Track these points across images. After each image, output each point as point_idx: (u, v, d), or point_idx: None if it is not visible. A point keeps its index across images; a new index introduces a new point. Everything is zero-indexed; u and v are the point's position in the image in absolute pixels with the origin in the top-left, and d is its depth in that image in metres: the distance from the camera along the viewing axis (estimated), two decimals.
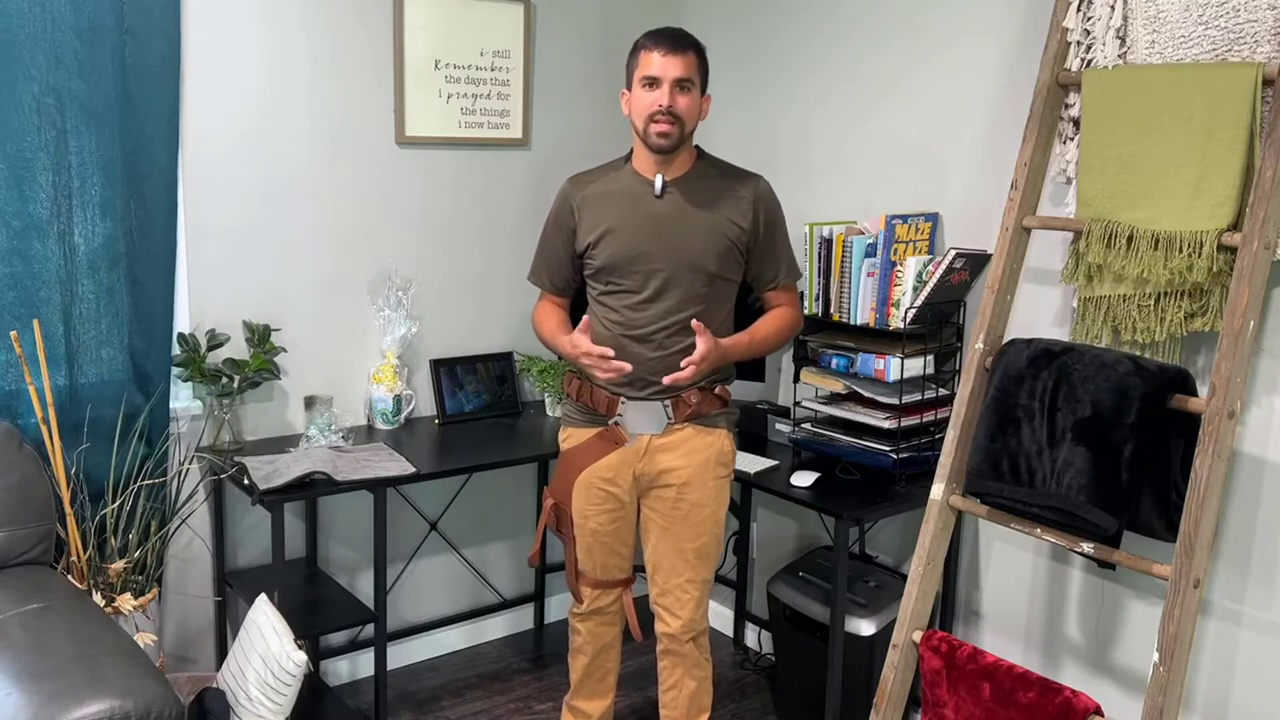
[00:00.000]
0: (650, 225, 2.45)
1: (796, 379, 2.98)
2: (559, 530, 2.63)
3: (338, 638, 3.25)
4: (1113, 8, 2.37)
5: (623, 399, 2.49)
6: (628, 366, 2.38)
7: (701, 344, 2.36)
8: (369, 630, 3.09)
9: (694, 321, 2.37)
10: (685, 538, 2.52)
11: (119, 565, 2.63)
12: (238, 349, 2.93)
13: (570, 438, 2.59)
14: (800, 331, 2.80)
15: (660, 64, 2.37)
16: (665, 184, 2.46)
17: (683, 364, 2.36)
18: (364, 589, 3.18)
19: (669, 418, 2.49)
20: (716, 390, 2.54)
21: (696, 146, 2.53)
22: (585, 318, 2.47)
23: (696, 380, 2.46)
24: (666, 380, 2.39)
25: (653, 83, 2.39)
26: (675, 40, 2.40)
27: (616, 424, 2.50)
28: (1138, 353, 2.32)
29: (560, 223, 2.56)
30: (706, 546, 2.55)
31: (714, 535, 2.56)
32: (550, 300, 2.66)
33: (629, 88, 2.46)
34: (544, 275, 2.64)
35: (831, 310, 2.91)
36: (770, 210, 2.53)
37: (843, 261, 2.86)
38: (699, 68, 2.42)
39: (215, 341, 2.87)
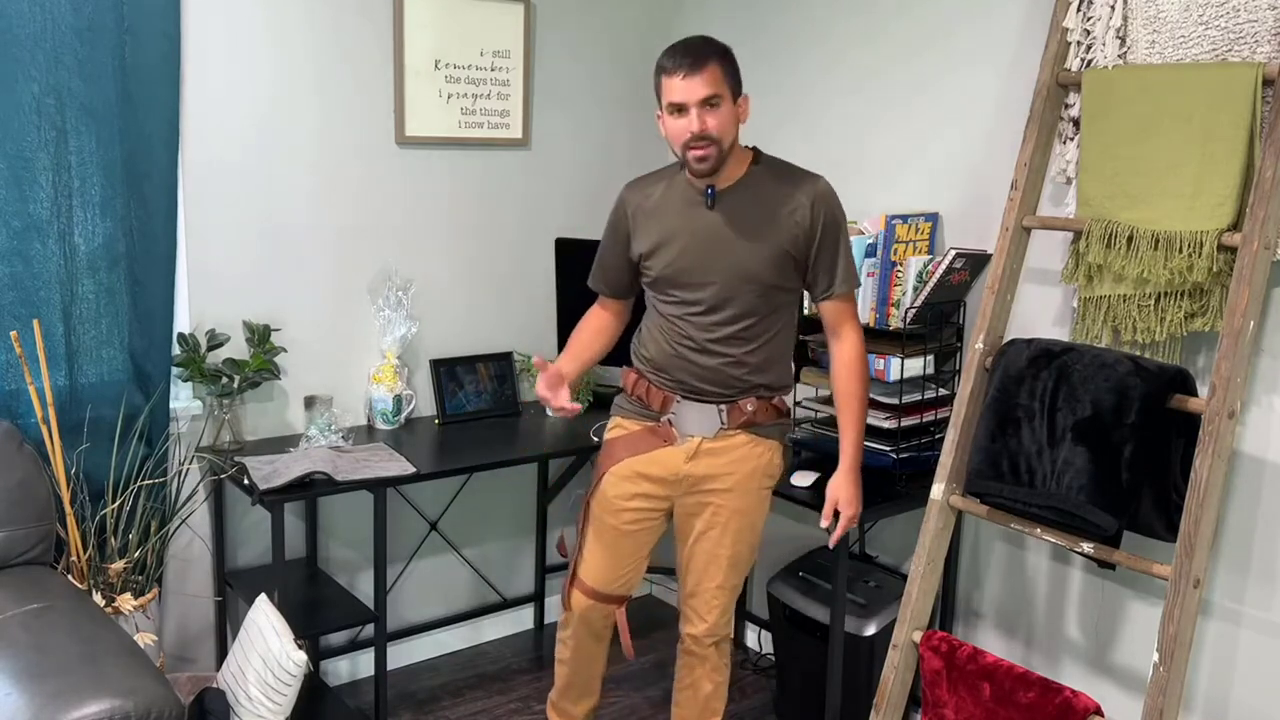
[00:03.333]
0: (703, 237, 2.36)
1: (797, 379, 2.98)
2: (583, 529, 2.56)
3: (338, 638, 3.25)
4: (1113, 8, 2.38)
5: (678, 398, 2.44)
6: (576, 409, 2.41)
7: (844, 521, 2.45)
8: (369, 630, 3.09)
9: (824, 518, 2.45)
10: (721, 544, 2.47)
11: (119, 565, 2.63)
12: (238, 349, 2.93)
13: (617, 428, 2.53)
14: (801, 332, 2.77)
15: (682, 88, 2.22)
16: (715, 194, 2.36)
17: (833, 541, 2.48)
18: (364, 589, 3.18)
19: (722, 423, 2.43)
20: (774, 400, 2.48)
21: (753, 148, 2.42)
22: (555, 365, 2.45)
23: (742, 385, 2.44)
24: (832, 546, 2.51)
25: (680, 109, 2.25)
26: (694, 57, 2.23)
27: (669, 422, 2.46)
28: (1138, 353, 2.32)
29: (617, 229, 2.50)
30: (741, 555, 2.50)
31: (749, 544, 2.52)
32: (602, 305, 2.60)
33: (660, 109, 2.32)
34: (601, 281, 2.58)
35: None
36: (830, 213, 2.36)
37: None
38: (725, 77, 2.26)
39: (215, 341, 2.87)
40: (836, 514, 2.45)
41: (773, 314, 2.41)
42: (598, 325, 2.60)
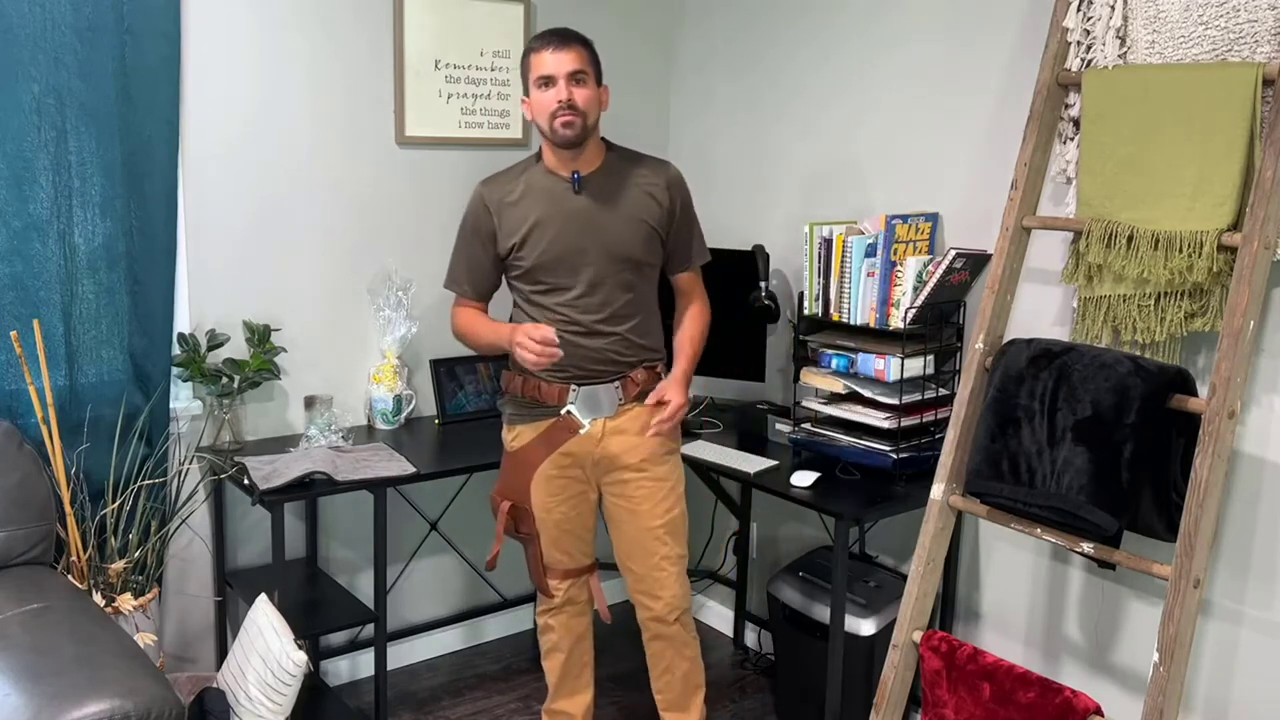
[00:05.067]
0: (574, 221, 2.47)
1: (796, 379, 2.98)
2: (518, 532, 2.64)
3: (338, 638, 3.25)
4: (1113, 8, 2.37)
5: (573, 387, 2.51)
6: (559, 353, 2.39)
7: (670, 409, 2.49)
8: (369, 630, 3.10)
9: (648, 401, 2.50)
10: (654, 515, 2.55)
11: (119, 565, 2.63)
12: (238, 349, 2.93)
13: (519, 436, 2.58)
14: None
15: (552, 61, 2.40)
16: (580, 178, 2.48)
17: (654, 426, 2.48)
18: (364, 589, 3.18)
19: (619, 399, 2.53)
20: (656, 369, 2.60)
21: (604, 139, 2.55)
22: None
23: (630, 359, 2.53)
24: (650, 434, 2.49)
25: (548, 81, 2.41)
26: (562, 37, 2.44)
27: (569, 413, 2.52)
28: (1138, 353, 2.32)
29: (479, 228, 2.54)
30: (675, 521, 2.58)
31: (680, 510, 2.60)
32: (469, 305, 2.64)
33: (526, 94, 2.49)
34: (465, 281, 2.61)
35: (831, 310, 2.91)
36: (684, 195, 2.58)
37: (843, 261, 2.86)
38: (590, 59, 2.46)
39: (215, 341, 2.87)
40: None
41: (645, 288, 2.55)
42: (487, 316, 2.65)
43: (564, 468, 2.55)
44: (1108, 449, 2.18)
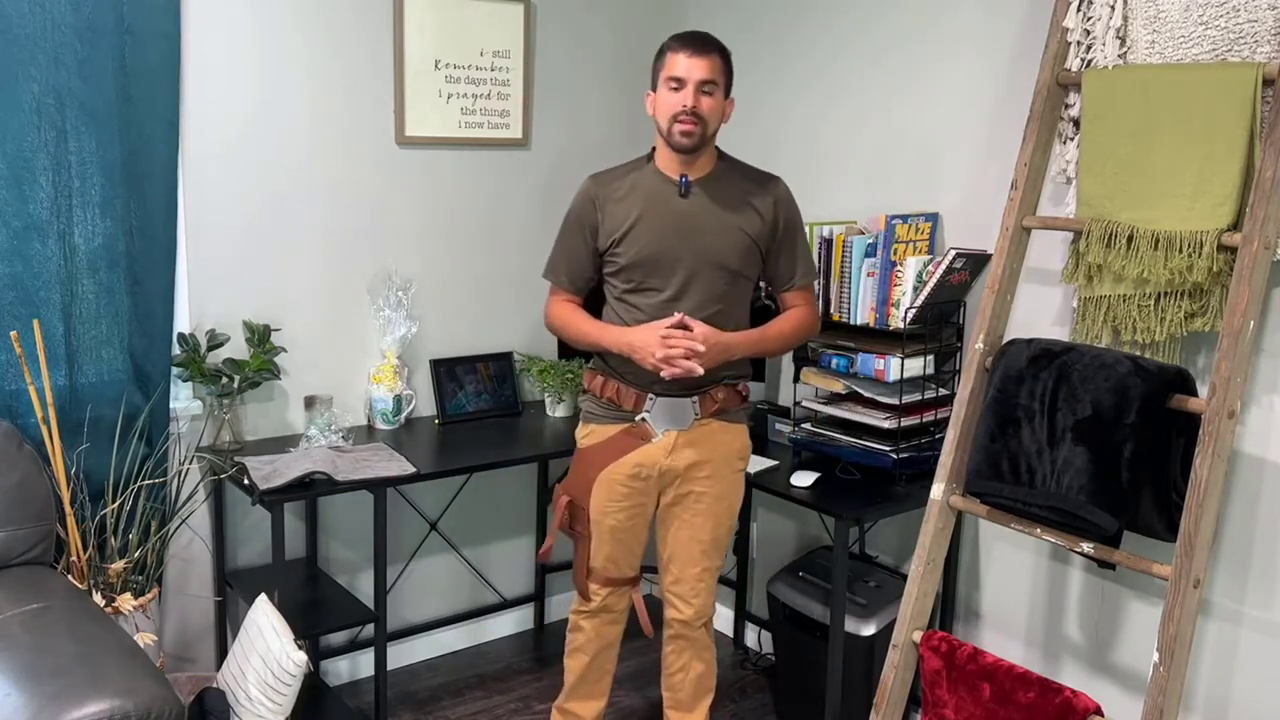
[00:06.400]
0: (674, 223, 2.46)
1: (796, 379, 2.98)
2: (571, 528, 2.63)
3: (338, 638, 3.25)
4: (1113, 8, 2.37)
5: (650, 395, 2.50)
6: (699, 370, 2.36)
7: (699, 331, 2.38)
8: (369, 630, 3.09)
9: (682, 316, 2.39)
10: (704, 529, 2.56)
11: (119, 565, 2.63)
12: (238, 349, 2.93)
13: (592, 434, 2.58)
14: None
15: (686, 65, 2.40)
16: (688, 182, 2.47)
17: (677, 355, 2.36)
18: (364, 589, 3.18)
19: (696, 414, 2.51)
20: (739, 387, 2.58)
21: (717, 148, 2.54)
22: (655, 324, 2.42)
23: (714, 376, 2.47)
24: (666, 375, 2.38)
25: (678, 84, 2.41)
26: (701, 43, 2.42)
27: (643, 421, 2.51)
28: (1138, 353, 2.32)
29: (583, 220, 2.54)
30: (721, 538, 2.61)
31: (728, 526, 2.62)
32: (567, 297, 2.62)
33: (654, 89, 2.49)
34: (563, 273, 2.60)
35: (831, 310, 2.91)
36: (790, 211, 2.56)
37: (843, 261, 2.86)
38: (723, 70, 2.45)
39: (215, 341, 2.87)
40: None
41: (737, 302, 2.52)
42: (586, 313, 2.60)
43: (630, 476, 2.52)
44: (1108, 449, 2.18)
